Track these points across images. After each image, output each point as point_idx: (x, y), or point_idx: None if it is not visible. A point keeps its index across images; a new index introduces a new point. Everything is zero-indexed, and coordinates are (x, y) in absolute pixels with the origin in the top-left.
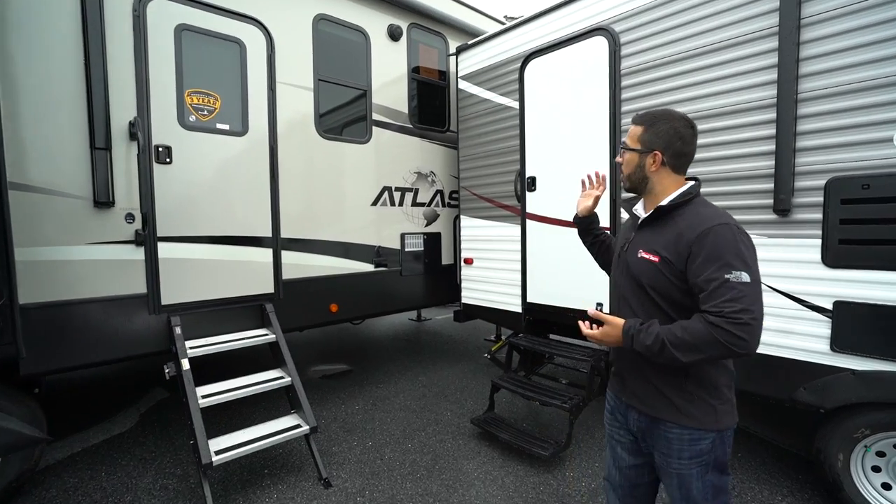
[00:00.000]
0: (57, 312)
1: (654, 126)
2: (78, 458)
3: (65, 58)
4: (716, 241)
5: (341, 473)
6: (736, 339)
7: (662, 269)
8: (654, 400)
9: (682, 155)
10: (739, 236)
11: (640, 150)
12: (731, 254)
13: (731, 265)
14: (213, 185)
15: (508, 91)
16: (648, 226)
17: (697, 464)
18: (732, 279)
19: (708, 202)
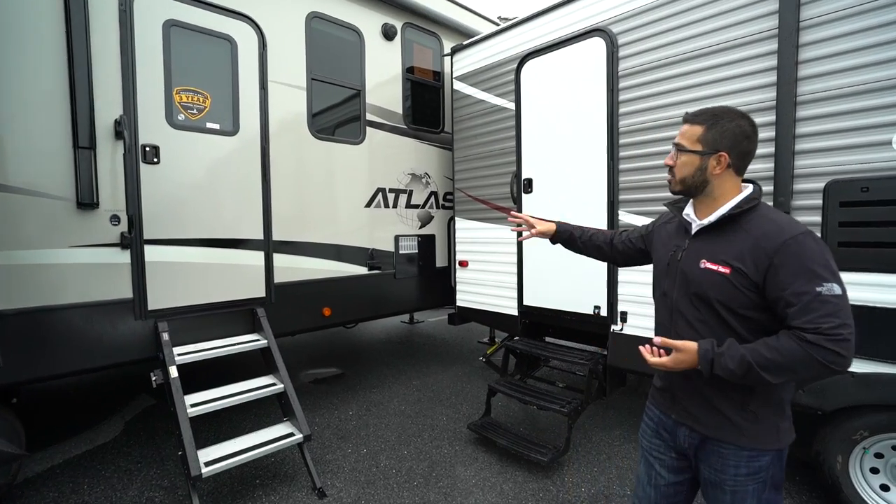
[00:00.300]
0: (37, 319)
1: (718, 125)
2: (59, 471)
3: (46, 52)
4: (802, 252)
5: (336, 482)
6: (836, 356)
7: (735, 281)
8: (711, 419)
9: (747, 155)
10: (824, 245)
11: (702, 152)
12: (820, 265)
13: (822, 277)
14: (202, 186)
15: (504, 92)
16: (709, 233)
17: (754, 481)
18: (825, 292)
19: (773, 207)
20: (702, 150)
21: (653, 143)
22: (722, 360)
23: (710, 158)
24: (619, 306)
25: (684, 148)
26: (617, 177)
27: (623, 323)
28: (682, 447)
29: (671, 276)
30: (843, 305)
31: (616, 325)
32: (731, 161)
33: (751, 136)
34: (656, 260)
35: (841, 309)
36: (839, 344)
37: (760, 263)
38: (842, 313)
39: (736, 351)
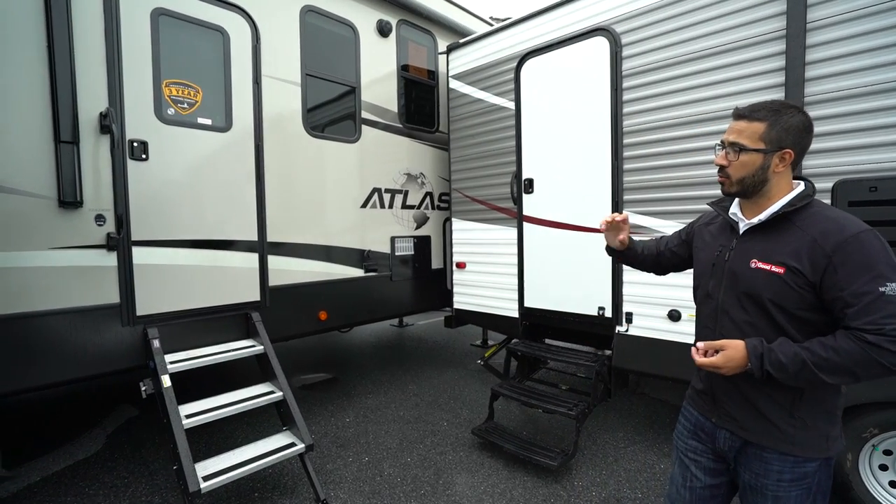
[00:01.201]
0: (15, 326)
1: (780, 121)
2: (37, 489)
3: (24, 40)
4: (863, 250)
5: (339, 493)
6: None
7: (790, 281)
8: (756, 424)
9: (806, 150)
10: (886, 243)
11: (766, 150)
12: (884, 263)
13: (886, 276)
14: (193, 185)
15: (503, 91)
16: (759, 232)
17: (798, 487)
18: (889, 292)
19: (827, 204)
20: (766, 147)
21: (658, 143)
22: (772, 355)
23: (774, 156)
24: (625, 307)
25: (746, 147)
26: (621, 177)
27: (629, 324)
28: (722, 450)
29: (717, 276)
30: None
31: (621, 327)
32: (795, 158)
33: (811, 129)
34: (699, 261)
35: None
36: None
37: (818, 263)
38: None
39: (789, 347)
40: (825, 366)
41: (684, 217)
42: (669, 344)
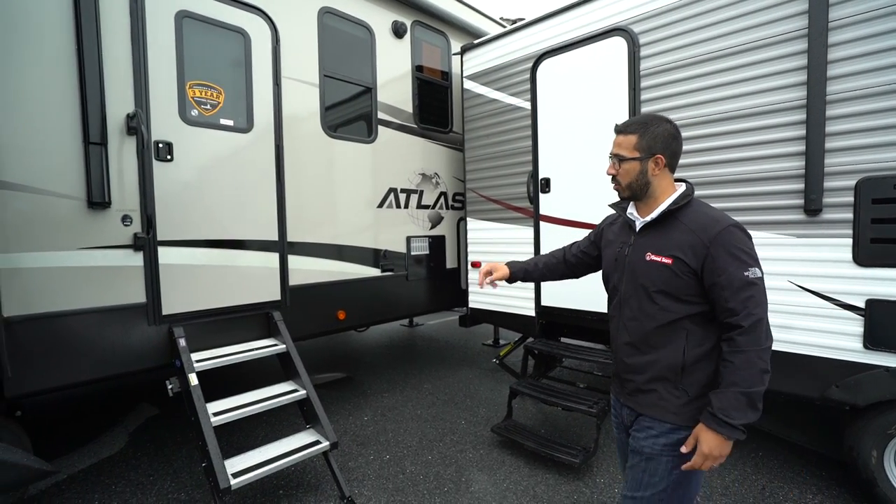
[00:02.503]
0: (46, 326)
1: (649, 131)
2: (65, 487)
3: (55, 43)
4: (733, 241)
5: (363, 490)
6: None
7: (677, 270)
8: (646, 397)
9: (677, 154)
10: (749, 236)
11: (641, 157)
12: (747, 253)
13: (748, 264)
14: (216, 185)
15: (519, 91)
16: (652, 229)
17: (671, 453)
18: (751, 276)
19: (704, 202)
20: (640, 155)
21: None
22: (729, 414)
23: (649, 162)
24: None
25: (625, 157)
26: None
27: None
28: (626, 426)
29: (619, 270)
30: (760, 289)
31: None
32: (666, 161)
33: (677, 136)
34: (606, 257)
35: (760, 294)
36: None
37: (699, 253)
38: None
39: (728, 400)
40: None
41: None
42: None
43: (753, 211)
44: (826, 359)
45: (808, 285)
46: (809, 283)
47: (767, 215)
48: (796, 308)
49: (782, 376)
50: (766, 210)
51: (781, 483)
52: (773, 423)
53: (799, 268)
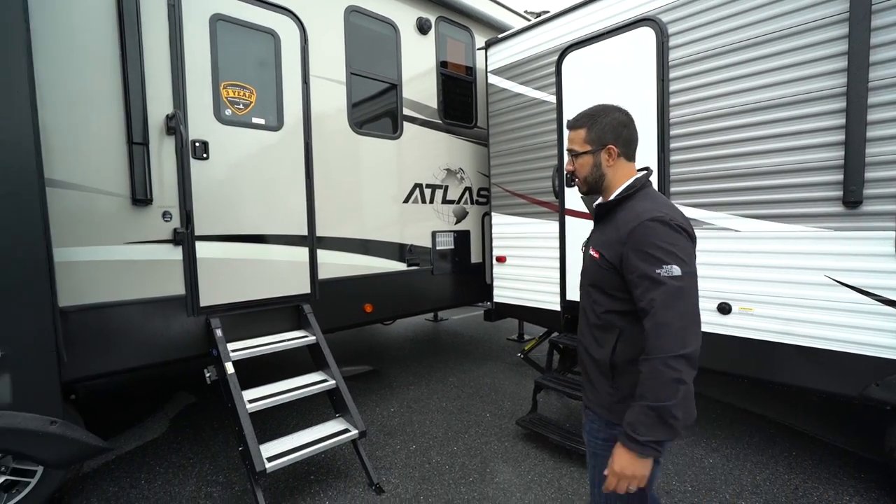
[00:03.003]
0: (96, 315)
1: (597, 123)
2: (114, 466)
3: (100, 49)
4: (647, 236)
5: (391, 478)
6: (681, 356)
7: (603, 265)
8: (594, 394)
9: (631, 141)
10: (670, 229)
11: (592, 150)
12: (662, 249)
13: (661, 261)
14: (248, 182)
15: (544, 85)
16: (600, 222)
17: (609, 448)
18: (663, 274)
19: (652, 194)
20: (591, 148)
21: (708, 133)
22: (637, 430)
23: (601, 153)
24: None
25: (577, 152)
26: (668, 168)
27: None
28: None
29: (583, 262)
30: (679, 284)
31: None
32: (620, 150)
33: (628, 124)
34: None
35: (679, 290)
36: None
37: (618, 249)
38: (673, 299)
39: (636, 415)
40: (657, 394)
41: (736, 208)
42: (718, 337)
43: (787, 204)
44: (865, 356)
45: (846, 280)
46: (847, 278)
47: (802, 208)
48: (832, 304)
49: (817, 374)
50: (800, 203)
51: (816, 483)
52: (808, 422)
53: (836, 262)
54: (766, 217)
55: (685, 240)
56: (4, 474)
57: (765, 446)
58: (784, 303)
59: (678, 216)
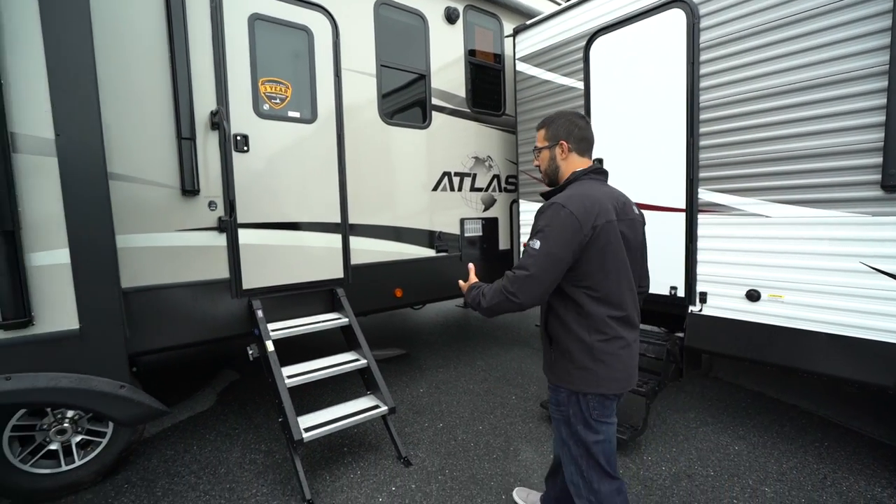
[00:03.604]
0: (151, 296)
1: (553, 124)
2: (170, 433)
3: (152, 53)
4: (540, 217)
5: (418, 453)
6: (509, 289)
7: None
8: (546, 360)
9: (584, 139)
10: (560, 216)
11: (549, 146)
12: (538, 228)
13: (532, 236)
14: (285, 172)
15: (572, 71)
16: None
17: (557, 412)
18: (530, 244)
19: (582, 185)
20: (548, 144)
21: (739, 116)
22: (471, 292)
23: (556, 148)
24: (698, 287)
25: (538, 147)
26: (697, 154)
27: (702, 304)
28: None
29: None
30: (533, 257)
31: (694, 307)
32: (571, 145)
33: (578, 122)
34: None
35: (530, 258)
36: (515, 280)
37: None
38: (529, 261)
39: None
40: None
41: (767, 194)
42: (747, 325)
43: (822, 188)
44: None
45: (883, 267)
46: (884, 265)
47: (838, 192)
48: (868, 291)
49: (851, 363)
50: (836, 187)
51: (846, 474)
52: (843, 413)
53: (872, 248)
54: (798, 202)
55: (562, 225)
56: (81, 433)
57: (795, 435)
58: (816, 290)
59: (578, 204)
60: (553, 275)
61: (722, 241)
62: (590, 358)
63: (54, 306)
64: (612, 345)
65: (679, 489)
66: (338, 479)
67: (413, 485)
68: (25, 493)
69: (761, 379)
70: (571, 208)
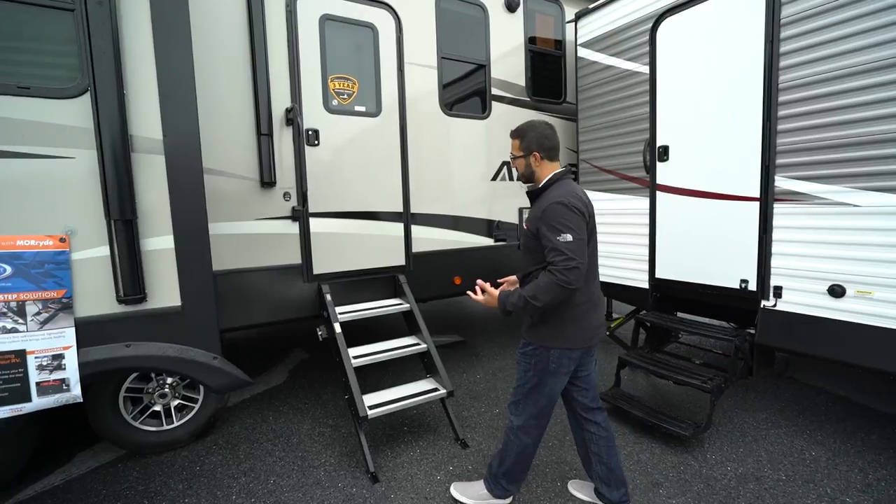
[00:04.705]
0: (234, 279)
1: (525, 137)
2: (249, 404)
3: (235, 57)
4: (553, 213)
5: (475, 436)
6: (563, 277)
7: (530, 235)
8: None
9: (552, 148)
10: (566, 209)
11: (523, 156)
12: (559, 223)
13: (559, 230)
14: (351, 164)
15: (637, 55)
16: (532, 202)
17: (524, 358)
18: (560, 239)
19: (564, 184)
20: (523, 154)
21: (824, 97)
22: (509, 299)
23: (530, 157)
24: (773, 280)
25: (514, 156)
26: (774, 139)
27: (777, 298)
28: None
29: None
30: (571, 248)
31: (768, 301)
32: (542, 154)
33: (549, 136)
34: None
35: (569, 250)
36: (565, 271)
37: (536, 223)
38: (569, 252)
39: (517, 293)
40: (534, 294)
41: (855, 181)
42: (829, 322)
43: None
44: None
45: None
46: None
47: None
48: None
49: None
50: None
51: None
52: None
53: None
54: (893, 190)
55: (577, 216)
56: (178, 398)
57: (884, 446)
58: None
59: (576, 200)
60: (586, 258)
61: (801, 233)
62: (566, 321)
63: (162, 285)
64: (582, 308)
65: (745, 491)
66: (399, 456)
67: (470, 466)
68: (137, 446)
69: (846, 383)
70: (576, 203)
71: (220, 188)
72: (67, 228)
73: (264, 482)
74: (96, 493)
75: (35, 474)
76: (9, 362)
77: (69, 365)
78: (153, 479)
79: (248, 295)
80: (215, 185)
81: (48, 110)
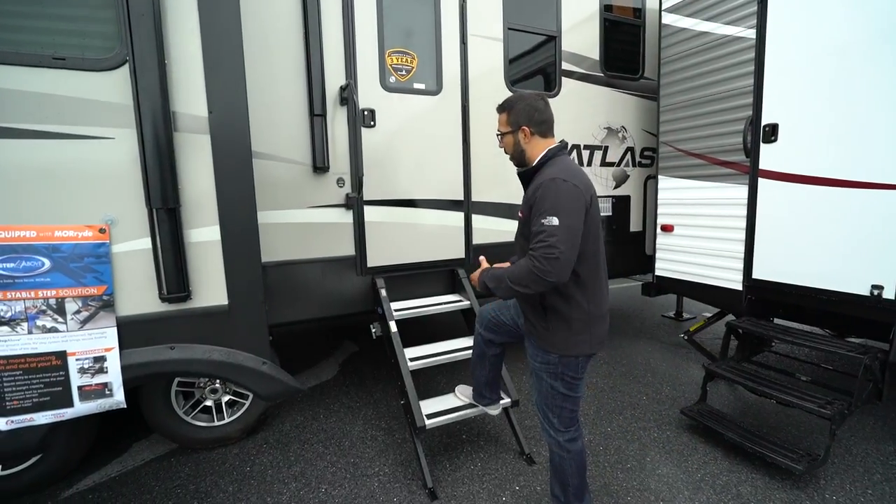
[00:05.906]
0: (285, 271)
1: (514, 109)
2: (299, 399)
3: (288, 30)
4: (545, 193)
5: (541, 451)
6: (541, 267)
7: (524, 220)
8: (529, 327)
9: (544, 122)
10: (564, 189)
11: (512, 131)
12: (550, 205)
13: (548, 213)
14: (409, 148)
15: (739, 18)
16: (525, 186)
17: (546, 370)
18: (546, 224)
19: (561, 161)
20: (511, 129)
21: None
22: (486, 274)
23: (518, 133)
24: None
25: (502, 132)
26: None
27: None
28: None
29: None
30: (556, 233)
31: None
32: (533, 129)
33: (540, 108)
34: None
35: (552, 235)
36: (542, 259)
37: (530, 202)
38: (552, 239)
39: (498, 270)
40: (512, 277)
41: None
42: None
43: None
44: None
45: None
46: None
47: None
48: None
49: None
50: None
51: None
52: None
53: None
54: None
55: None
56: (229, 394)
57: None
58: None
59: (572, 178)
60: (577, 247)
61: None
62: (585, 325)
63: (208, 282)
64: (601, 308)
65: None
66: (458, 469)
67: (538, 487)
68: (188, 441)
69: None
70: (572, 180)
71: (268, 173)
72: (107, 218)
73: (315, 490)
74: (149, 489)
75: (95, 462)
76: (50, 364)
77: (111, 368)
78: (204, 477)
79: (298, 289)
80: (264, 169)
81: (86, 85)
